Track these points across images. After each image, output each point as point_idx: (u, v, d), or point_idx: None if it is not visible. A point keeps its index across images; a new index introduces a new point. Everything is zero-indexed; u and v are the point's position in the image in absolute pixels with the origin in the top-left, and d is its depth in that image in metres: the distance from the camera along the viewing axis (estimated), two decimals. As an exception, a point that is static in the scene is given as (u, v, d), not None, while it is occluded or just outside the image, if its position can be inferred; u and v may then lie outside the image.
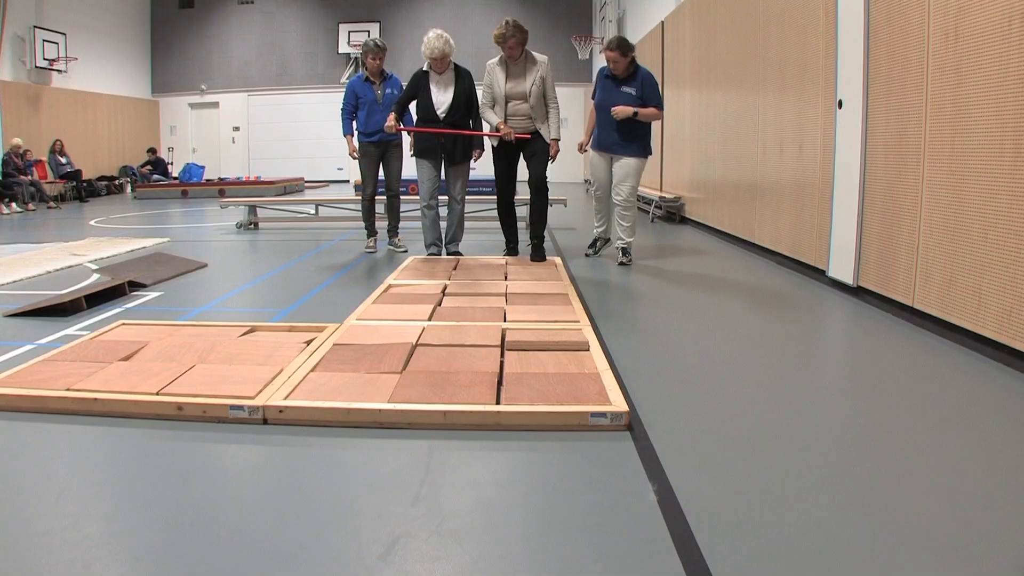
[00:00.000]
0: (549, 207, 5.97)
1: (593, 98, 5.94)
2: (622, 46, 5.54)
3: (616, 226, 5.96)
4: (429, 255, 6.09)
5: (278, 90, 19.92)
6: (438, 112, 5.78)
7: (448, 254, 6.16)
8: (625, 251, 5.94)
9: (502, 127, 5.58)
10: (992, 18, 3.18)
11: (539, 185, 5.75)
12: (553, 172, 5.83)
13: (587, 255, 6.29)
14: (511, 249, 6.14)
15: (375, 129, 6.37)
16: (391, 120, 5.73)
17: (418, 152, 5.96)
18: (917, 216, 3.80)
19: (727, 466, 2.22)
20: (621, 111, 5.54)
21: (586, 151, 6.15)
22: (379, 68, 6.45)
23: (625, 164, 5.73)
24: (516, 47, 5.51)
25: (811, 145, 5.17)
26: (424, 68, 5.86)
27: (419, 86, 5.84)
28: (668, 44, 9.92)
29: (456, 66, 5.88)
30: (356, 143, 6.51)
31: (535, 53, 5.66)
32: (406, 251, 6.62)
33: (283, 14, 19.79)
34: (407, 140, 6.34)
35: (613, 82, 5.68)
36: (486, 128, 5.87)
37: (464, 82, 5.84)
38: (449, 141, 5.83)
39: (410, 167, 6.74)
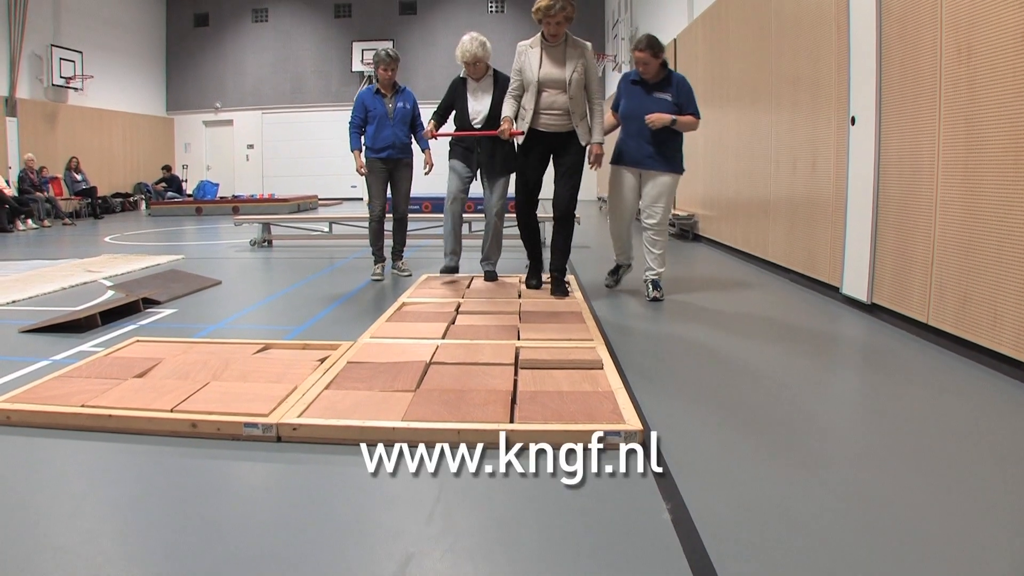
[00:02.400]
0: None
1: (614, 108, 5.26)
2: (652, 45, 4.88)
3: (646, 253, 5.11)
4: (446, 265, 5.61)
5: (292, 108, 20.12)
6: (473, 123, 5.35)
7: (483, 271, 5.64)
8: (656, 283, 5.09)
9: (504, 123, 4.85)
10: (1005, 33, 3.17)
11: (565, 214, 4.97)
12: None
13: (607, 286, 5.51)
14: (534, 274, 5.28)
15: (384, 145, 6.04)
16: (429, 127, 5.40)
17: (451, 155, 5.57)
18: (931, 232, 3.78)
19: (741, 484, 2.20)
20: (658, 119, 4.85)
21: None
22: (391, 80, 6.10)
23: (660, 183, 5.00)
24: (563, 24, 4.66)
25: (824, 162, 5.16)
26: (461, 75, 5.48)
27: (456, 94, 5.42)
28: (680, 61, 9.95)
29: (496, 72, 5.41)
30: (363, 159, 6.13)
31: (577, 38, 4.86)
32: (410, 275, 6.24)
33: (297, 32, 20.03)
34: (418, 159, 6.04)
35: (643, 88, 5.02)
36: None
37: (502, 89, 5.21)
38: (486, 154, 5.35)
39: (419, 186, 6.62)
